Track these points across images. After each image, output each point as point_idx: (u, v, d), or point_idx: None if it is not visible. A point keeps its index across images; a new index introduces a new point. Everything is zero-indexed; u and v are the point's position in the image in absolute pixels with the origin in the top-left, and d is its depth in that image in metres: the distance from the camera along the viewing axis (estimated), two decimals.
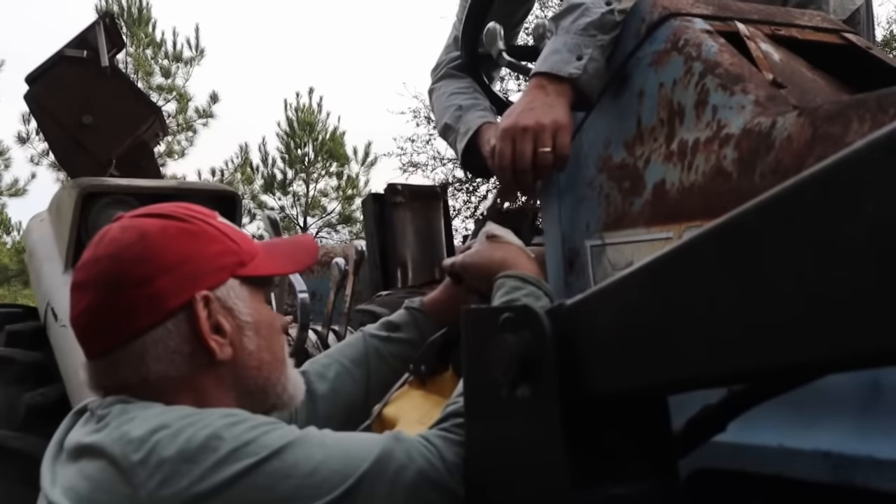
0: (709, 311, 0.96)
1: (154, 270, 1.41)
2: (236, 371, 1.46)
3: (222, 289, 1.45)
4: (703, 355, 0.98)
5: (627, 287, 1.09)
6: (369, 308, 3.41)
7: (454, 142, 2.67)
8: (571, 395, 1.17)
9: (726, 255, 0.94)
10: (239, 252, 1.49)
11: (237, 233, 1.54)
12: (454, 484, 1.37)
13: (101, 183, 3.10)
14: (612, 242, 2.01)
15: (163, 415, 1.33)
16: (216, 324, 1.43)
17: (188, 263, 1.43)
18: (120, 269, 1.41)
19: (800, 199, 0.85)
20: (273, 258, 1.57)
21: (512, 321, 1.23)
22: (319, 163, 24.29)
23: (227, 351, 1.44)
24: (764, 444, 1.45)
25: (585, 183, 2.15)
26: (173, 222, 1.46)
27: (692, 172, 1.79)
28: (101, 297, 1.42)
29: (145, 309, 1.40)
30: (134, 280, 1.40)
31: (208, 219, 1.51)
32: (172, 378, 1.42)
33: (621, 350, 1.10)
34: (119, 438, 1.29)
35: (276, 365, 1.52)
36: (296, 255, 1.64)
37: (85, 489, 1.28)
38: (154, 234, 1.44)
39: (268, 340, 1.50)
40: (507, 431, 1.28)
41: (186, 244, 1.44)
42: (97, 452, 1.31)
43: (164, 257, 1.42)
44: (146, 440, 1.27)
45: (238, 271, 1.48)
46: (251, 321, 1.47)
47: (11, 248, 23.36)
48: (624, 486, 1.21)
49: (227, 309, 1.45)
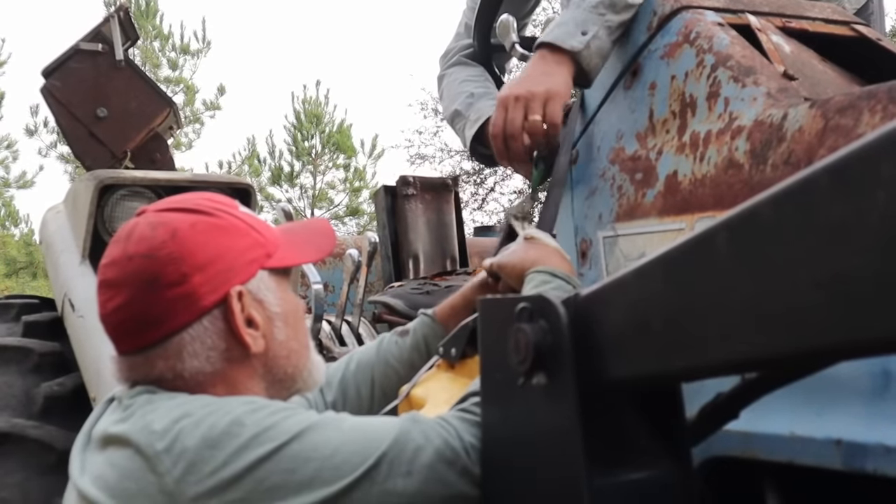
0: (723, 300, 0.98)
1: (189, 269, 1.42)
2: (268, 361, 1.49)
3: (253, 282, 1.48)
4: (718, 343, 1.00)
5: (644, 277, 1.11)
6: (382, 299, 3.44)
7: (462, 128, 2.68)
8: (587, 383, 1.19)
9: (741, 245, 0.95)
10: (265, 244, 1.51)
11: (259, 222, 1.55)
12: (471, 464, 1.38)
13: (118, 175, 3.11)
14: (624, 233, 2.02)
15: (186, 404, 1.35)
16: (249, 317, 1.46)
17: (221, 259, 1.45)
18: (155, 268, 1.42)
19: (813, 189, 0.86)
20: (296, 246, 1.58)
21: (528, 311, 1.25)
22: (326, 155, 24.35)
23: (260, 343, 1.47)
24: (775, 432, 1.46)
25: (598, 174, 2.16)
26: (202, 217, 1.47)
27: (704, 164, 1.80)
28: (136, 296, 1.42)
29: (182, 307, 1.42)
30: (170, 280, 1.41)
31: (232, 210, 1.53)
32: (207, 373, 1.44)
33: (637, 338, 1.12)
34: (144, 428, 1.32)
35: (303, 352, 1.56)
36: (315, 241, 1.64)
37: (113, 477, 1.31)
38: (185, 230, 1.44)
39: (295, 329, 1.54)
40: (523, 419, 1.30)
41: (218, 240, 1.46)
42: (123, 441, 1.33)
43: (198, 255, 1.43)
44: (170, 429, 1.30)
45: (266, 263, 1.50)
46: (280, 311, 1.50)
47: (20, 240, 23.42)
48: (639, 472, 1.22)
49: (258, 301, 1.48)
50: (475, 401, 1.46)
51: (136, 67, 4.15)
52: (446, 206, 4.27)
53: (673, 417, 1.27)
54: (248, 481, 1.26)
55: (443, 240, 4.20)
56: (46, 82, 3.95)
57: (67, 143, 4.26)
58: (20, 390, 3.04)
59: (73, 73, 3.97)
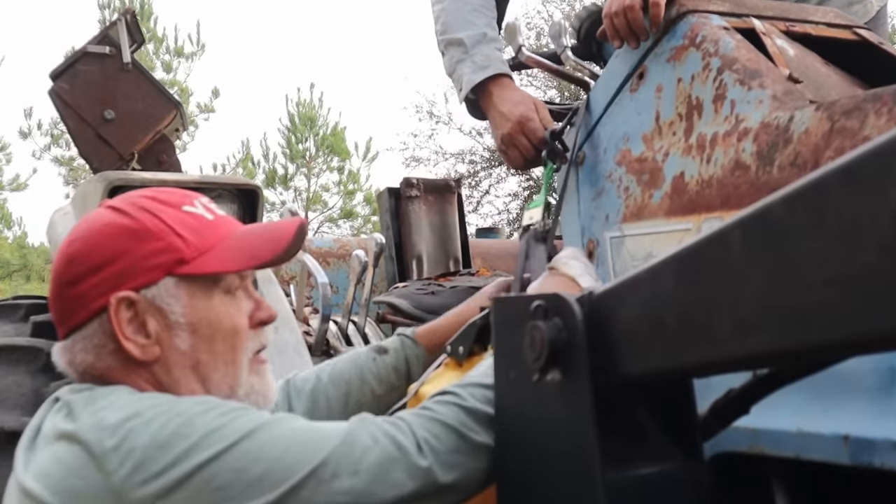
0: (736, 296, 1.00)
1: (84, 270, 1.43)
2: (170, 370, 1.45)
3: (153, 288, 1.43)
4: (731, 339, 1.02)
5: (658, 275, 1.14)
6: (387, 299, 3.46)
7: (461, 63, 2.64)
8: (601, 379, 1.22)
9: (754, 243, 0.98)
10: (181, 249, 1.45)
11: (195, 225, 1.49)
12: (424, 462, 1.37)
13: (127, 176, 3.14)
14: (631, 234, 2.05)
15: (137, 402, 1.34)
16: (142, 324, 1.43)
17: (116, 263, 1.42)
18: (61, 266, 1.46)
19: (826, 189, 0.89)
20: (229, 252, 1.49)
21: (543, 308, 1.28)
22: (321, 158, 24.38)
23: (151, 351, 1.44)
24: (783, 428, 1.49)
25: (605, 176, 2.19)
26: (118, 217, 1.46)
27: (711, 165, 1.83)
28: (52, 290, 1.48)
29: (77, 307, 1.44)
30: (68, 279, 1.44)
31: (163, 212, 1.48)
32: (100, 369, 1.44)
33: (651, 335, 1.15)
34: (94, 425, 1.31)
35: (218, 366, 1.48)
36: (256, 249, 1.52)
37: (59, 474, 1.30)
38: (96, 230, 1.45)
39: (206, 341, 1.46)
40: (538, 415, 1.32)
41: (121, 243, 1.43)
42: (71, 438, 1.32)
43: (95, 256, 1.43)
44: (119, 427, 1.29)
45: (175, 269, 1.45)
46: (185, 321, 1.45)
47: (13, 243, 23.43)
48: (651, 467, 1.25)
49: (157, 308, 1.44)
50: (439, 398, 1.46)
51: (143, 70, 4.19)
52: (449, 207, 4.30)
53: (684, 413, 1.30)
54: (197, 481, 1.26)
55: (446, 241, 4.22)
56: (54, 84, 3.98)
57: (75, 144, 4.29)
58: (29, 389, 3.05)
59: (81, 76, 4.00)
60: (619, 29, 2.19)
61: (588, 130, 2.30)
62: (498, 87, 2.59)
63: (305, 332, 3.05)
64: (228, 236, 1.52)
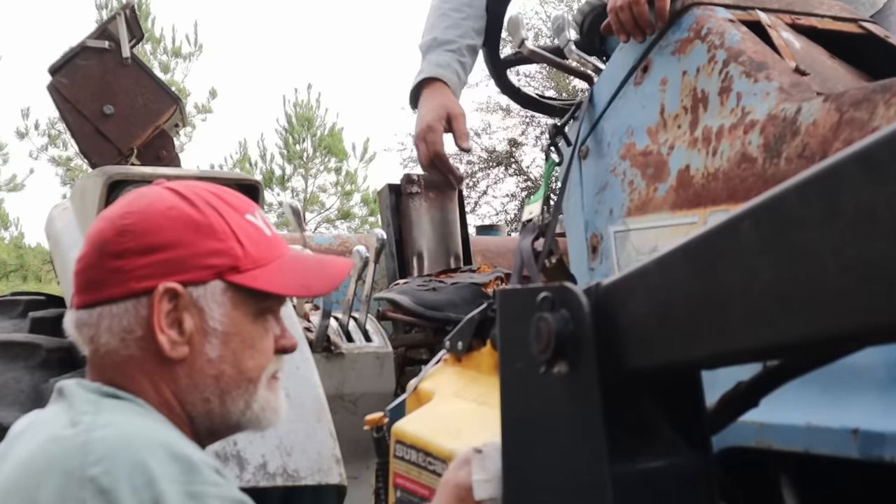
0: (748, 286, 0.99)
1: (134, 246, 1.38)
2: (192, 374, 1.41)
3: (200, 288, 1.40)
4: (742, 330, 1.01)
5: (667, 266, 1.12)
6: (388, 296, 3.44)
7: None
8: (608, 372, 1.20)
9: (767, 231, 0.97)
10: (238, 257, 1.42)
11: (256, 236, 1.47)
12: None
13: (127, 171, 3.11)
14: (636, 228, 2.04)
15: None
16: (178, 319, 1.39)
17: (172, 251, 1.39)
18: (107, 234, 1.40)
19: (841, 176, 0.88)
20: (282, 274, 1.47)
21: (550, 300, 1.26)
22: (318, 158, 24.38)
23: (180, 350, 1.40)
24: (791, 422, 1.48)
25: (608, 170, 2.18)
26: (185, 205, 1.42)
27: (717, 158, 1.82)
28: (88, 255, 1.42)
29: (114, 281, 1.38)
30: (112, 250, 1.39)
31: (228, 213, 1.45)
32: (123, 356, 1.40)
33: (660, 326, 1.13)
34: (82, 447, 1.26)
35: (240, 382, 1.44)
36: (311, 278, 1.52)
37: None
38: (157, 210, 1.41)
39: (236, 354, 1.43)
40: (544, 408, 1.30)
41: (182, 232, 1.40)
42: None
43: (151, 237, 1.39)
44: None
45: (227, 275, 1.41)
46: (221, 329, 1.41)
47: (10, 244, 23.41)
48: (659, 460, 1.24)
49: (198, 309, 1.40)
50: None
51: (142, 65, 4.17)
52: (450, 204, 4.27)
53: (693, 406, 1.28)
54: None
55: (447, 238, 4.19)
56: (53, 79, 3.96)
57: (74, 140, 4.26)
58: (28, 386, 3.03)
59: (80, 71, 3.97)
60: (624, 23, 2.17)
61: (591, 124, 2.29)
62: (427, 90, 2.90)
63: (306, 329, 3.03)
64: (281, 257, 1.49)
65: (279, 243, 1.51)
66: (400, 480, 1.79)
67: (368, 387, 3.15)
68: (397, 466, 1.80)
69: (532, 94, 3.09)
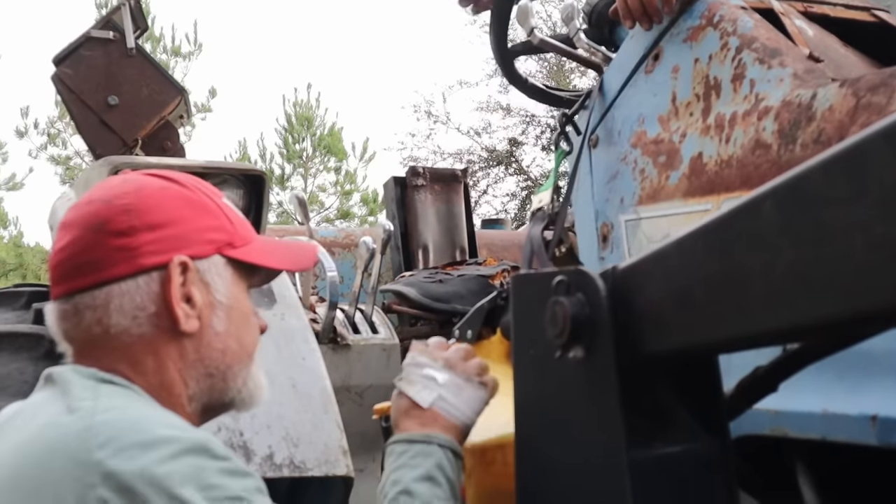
0: (770, 268, 0.97)
1: (140, 223, 1.37)
2: (200, 348, 1.41)
3: (205, 262, 1.41)
4: (762, 312, 0.99)
5: (685, 248, 1.11)
6: (394, 287, 3.43)
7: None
8: (625, 356, 1.19)
9: (790, 212, 0.95)
10: (232, 233, 1.45)
11: (237, 217, 1.50)
12: None
13: (131, 161, 3.08)
14: (647, 216, 2.02)
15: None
16: (188, 294, 1.38)
17: (176, 226, 1.39)
18: (107, 213, 1.38)
19: (867, 153, 0.86)
20: (268, 251, 1.51)
21: (566, 284, 1.24)
22: (317, 158, 24.38)
23: (192, 323, 1.39)
24: (807, 409, 1.46)
25: (619, 159, 2.16)
26: (175, 186, 1.43)
27: (730, 145, 1.80)
28: (82, 237, 1.38)
29: (121, 258, 1.36)
30: (117, 228, 1.37)
31: (212, 195, 1.47)
32: (134, 336, 1.37)
33: (678, 309, 1.12)
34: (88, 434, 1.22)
35: (243, 357, 1.46)
36: (292, 256, 1.58)
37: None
38: (152, 190, 1.41)
39: (238, 328, 1.45)
40: (560, 394, 1.29)
41: (181, 209, 1.41)
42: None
43: (154, 214, 1.38)
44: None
45: (226, 250, 1.43)
46: (226, 303, 1.43)
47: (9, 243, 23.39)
48: (677, 445, 1.22)
49: (204, 283, 1.41)
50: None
51: (147, 55, 4.13)
52: (456, 196, 4.26)
53: (710, 391, 1.26)
54: None
55: (452, 230, 4.18)
56: (57, 70, 3.93)
57: (78, 130, 4.23)
58: (32, 377, 2.99)
59: (84, 61, 3.94)
60: (632, 9, 2.16)
61: (602, 113, 2.27)
62: None
63: (312, 320, 3.01)
64: (259, 238, 1.52)
65: (250, 226, 1.53)
66: None
67: (375, 378, 3.13)
68: None
69: (539, 85, 3.06)
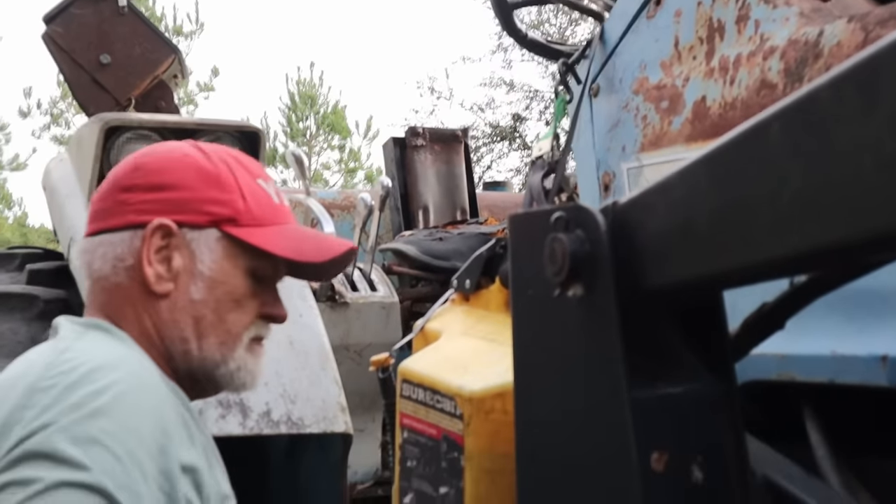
0: (777, 193, 0.93)
1: (141, 183, 1.45)
2: (174, 311, 1.43)
3: (196, 231, 1.43)
4: (770, 239, 0.95)
5: (688, 177, 1.07)
6: (394, 246, 3.39)
7: None
8: (626, 294, 1.14)
9: (797, 133, 0.91)
10: (238, 211, 1.45)
11: (261, 198, 1.49)
12: None
13: (123, 117, 3.04)
14: (650, 163, 1.98)
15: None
16: (168, 257, 1.42)
17: (175, 191, 1.44)
18: (124, 170, 1.48)
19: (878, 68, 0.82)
20: (279, 237, 1.49)
21: (564, 220, 1.20)
22: (321, 136, 24.49)
23: (164, 286, 1.42)
24: (815, 352, 1.42)
25: (621, 106, 2.12)
26: (198, 155, 1.48)
27: (735, 87, 1.76)
28: (104, 187, 1.49)
29: (117, 212, 1.44)
30: (122, 184, 1.46)
31: (239, 172, 1.48)
32: (112, 284, 1.43)
33: (681, 241, 1.07)
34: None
35: (220, 331, 1.45)
36: (304, 245, 1.52)
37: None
38: (173, 155, 1.48)
39: (217, 303, 1.44)
40: (559, 334, 1.25)
41: (188, 176, 1.45)
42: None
43: (158, 176, 1.45)
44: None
45: (224, 226, 1.44)
46: (209, 275, 1.43)
47: (14, 223, 23.42)
48: (680, 385, 1.18)
49: (189, 251, 1.43)
50: None
51: (139, 13, 4.08)
52: (456, 157, 4.21)
53: (714, 330, 1.22)
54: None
55: (453, 191, 4.14)
56: (48, 28, 3.87)
57: (70, 91, 4.19)
58: (25, 337, 3.00)
59: (76, 19, 3.89)
60: None
61: (603, 61, 2.23)
62: None
63: None
64: (285, 224, 1.52)
65: (285, 213, 1.54)
66: (406, 420, 1.73)
67: (374, 337, 3.10)
68: (404, 406, 1.74)
69: (539, 39, 3.01)
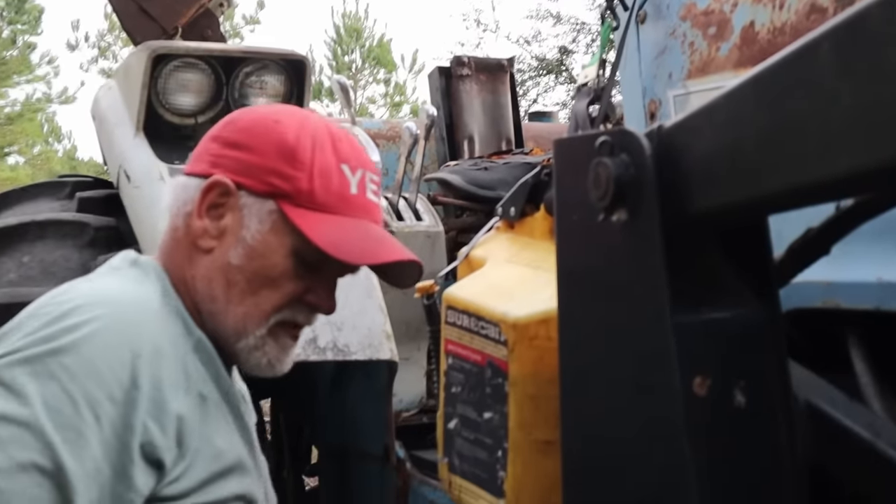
0: (826, 114, 0.92)
1: (226, 136, 1.46)
2: (210, 269, 1.42)
3: (252, 198, 1.41)
4: (818, 161, 0.95)
5: (735, 99, 1.06)
6: (439, 176, 3.39)
7: None
8: (671, 218, 1.14)
9: (847, 53, 0.90)
10: (299, 189, 1.41)
11: (334, 184, 1.42)
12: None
13: (171, 45, 3.06)
14: (697, 90, 1.96)
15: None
16: (221, 215, 1.42)
17: (248, 153, 1.42)
18: (223, 120, 1.50)
19: None
20: (333, 228, 1.42)
21: (609, 144, 1.19)
22: (367, 70, 24.41)
23: (207, 242, 1.42)
24: (861, 279, 1.41)
25: (668, 33, 2.09)
26: (290, 127, 1.43)
27: (784, 11, 1.73)
28: (210, 131, 1.52)
29: (199, 159, 1.48)
30: (214, 133, 1.49)
31: (323, 152, 1.43)
32: (171, 224, 1.47)
33: (727, 164, 1.07)
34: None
35: (247, 303, 1.42)
36: (353, 242, 1.42)
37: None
38: (269, 119, 1.45)
39: (254, 273, 1.41)
40: (603, 259, 1.25)
41: (266, 143, 1.42)
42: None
43: (241, 135, 1.44)
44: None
45: (281, 201, 1.41)
46: (250, 243, 1.41)
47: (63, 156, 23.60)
48: (724, 310, 1.18)
49: (241, 215, 1.42)
50: None
51: None
52: (501, 87, 4.19)
53: (759, 255, 1.22)
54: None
55: (498, 120, 4.12)
56: None
57: (118, 18, 4.21)
58: (77, 263, 3.03)
59: None
60: None
61: None
62: None
63: None
64: (351, 217, 1.44)
65: (360, 206, 1.46)
66: (451, 347, 1.74)
67: None
68: (449, 333, 1.75)
69: None
